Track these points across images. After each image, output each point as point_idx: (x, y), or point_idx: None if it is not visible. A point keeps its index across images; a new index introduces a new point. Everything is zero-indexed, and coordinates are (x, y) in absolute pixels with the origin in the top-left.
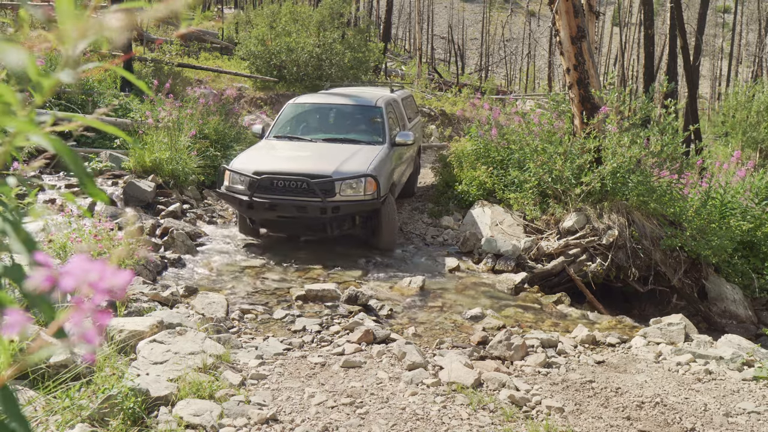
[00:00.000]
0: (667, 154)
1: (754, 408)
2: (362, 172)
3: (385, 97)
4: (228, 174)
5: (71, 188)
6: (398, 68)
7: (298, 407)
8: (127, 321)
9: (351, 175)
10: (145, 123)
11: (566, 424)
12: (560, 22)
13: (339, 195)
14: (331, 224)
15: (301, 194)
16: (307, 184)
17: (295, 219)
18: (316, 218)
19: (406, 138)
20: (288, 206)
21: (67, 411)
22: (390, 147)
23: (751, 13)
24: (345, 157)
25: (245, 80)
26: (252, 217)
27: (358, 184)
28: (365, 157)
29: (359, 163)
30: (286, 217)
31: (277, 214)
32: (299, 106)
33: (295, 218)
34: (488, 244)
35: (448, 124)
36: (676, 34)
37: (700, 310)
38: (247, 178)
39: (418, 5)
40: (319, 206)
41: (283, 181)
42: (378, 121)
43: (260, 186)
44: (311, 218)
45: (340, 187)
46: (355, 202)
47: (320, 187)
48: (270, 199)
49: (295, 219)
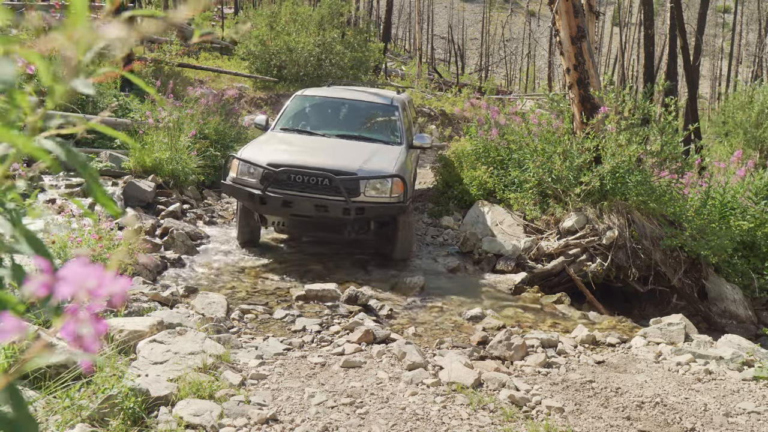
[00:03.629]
0: (667, 153)
1: (754, 408)
2: (389, 172)
3: (400, 97)
4: (236, 164)
5: (71, 188)
6: (398, 68)
7: (298, 407)
8: (127, 321)
9: (377, 175)
10: (145, 123)
11: (566, 424)
12: (560, 22)
13: (363, 195)
14: (352, 226)
15: (321, 191)
16: (330, 181)
17: (312, 218)
18: (336, 219)
19: (423, 141)
20: (307, 204)
21: (67, 411)
22: (407, 149)
23: (751, 13)
24: (367, 156)
25: (245, 80)
26: (264, 213)
27: (384, 185)
28: (388, 156)
29: (384, 163)
30: (303, 216)
31: (293, 212)
32: (308, 99)
33: (312, 218)
34: (488, 244)
35: (448, 124)
36: (676, 34)
37: (700, 310)
38: (259, 170)
39: (418, 5)
40: (343, 206)
41: (302, 175)
42: (394, 120)
43: (276, 179)
44: (331, 219)
45: (365, 187)
46: (380, 204)
47: (345, 185)
48: (286, 194)
49: (312, 218)
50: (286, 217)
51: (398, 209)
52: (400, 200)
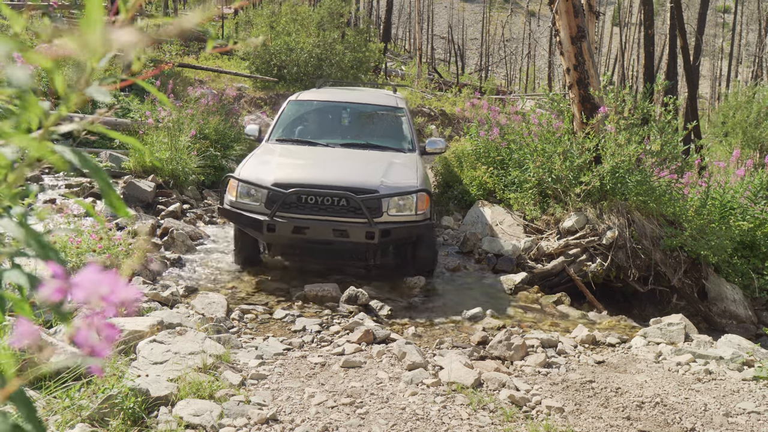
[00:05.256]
0: (667, 153)
1: (754, 408)
2: (414, 186)
3: (402, 98)
4: (234, 186)
5: (71, 188)
6: (398, 68)
7: (298, 407)
8: (127, 321)
9: (401, 191)
10: (145, 123)
11: (566, 424)
12: (560, 22)
13: (386, 215)
14: (375, 252)
15: (338, 213)
16: (347, 201)
17: (330, 245)
18: (358, 245)
19: (436, 146)
20: (323, 229)
21: (67, 411)
22: (420, 156)
23: (751, 13)
24: (383, 168)
25: (245, 80)
26: (272, 242)
27: (409, 202)
28: (406, 168)
29: (405, 176)
30: (318, 243)
31: (307, 238)
32: (303, 104)
33: (331, 244)
34: (488, 244)
35: (447, 124)
36: (676, 34)
37: (700, 310)
38: (263, 192)
39: (418, 5)
40: (365, 229)
41: (316, 196)
42: (402, 124)
43: (285, 202)
44: (352, 244)
45: (388, 205)
46: (406, 224)
47: (367, 204)
48: (299, 219)
49: (330, 245)
50: (298, 245)
51: (425, 228)
52: (426, 217)
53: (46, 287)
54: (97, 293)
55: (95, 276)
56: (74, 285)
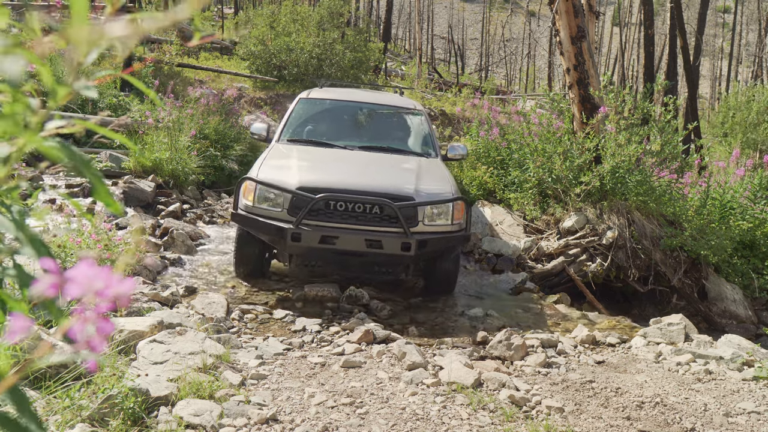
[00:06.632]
0: (667, 153)
1: (754, 408)
2: (450, 194)
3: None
4: (252, 188)
5: (71, 188)
6: (398, 68)
7: (298, 407)
8: (127, 321)
9: (437, 198)
10: (145, 123)
11: (566, 424)
12: (560, 22)
13: (422, 224)
14: (408, 265)
15: (371, 222)
16: (380, 208)
17: (362, 257)
18: (393, 257)
19: (456, 152)
20: (356, 239)
21: (67, 411)
22: (442, 161)
23: (751, 13)
24: (415, 174)
25: (245, 80)
26: (296, 253)
27: (444, 210)
28: (437, 174)
29: (437, 182)
30: (348, 254)
31: (337, 249)
32: (315, 103)
33: (362, 255)
34: (488, 244)
35: (447, 124)
36: (676, 34)
37: (700, 310)
38: (287, 197)
39: (418, 5)
40: (401, 240)
41: (347, 202)
42: (422, 128)
43: (312, 209)
44: (386, 256)
45: (423, 214)
46: (443, 235)
47: (404, 212)
48: (327, 228)
49: (362, 257)
50: (325, 257)
51: (461, 240)
52: (462, 228)
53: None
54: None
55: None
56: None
